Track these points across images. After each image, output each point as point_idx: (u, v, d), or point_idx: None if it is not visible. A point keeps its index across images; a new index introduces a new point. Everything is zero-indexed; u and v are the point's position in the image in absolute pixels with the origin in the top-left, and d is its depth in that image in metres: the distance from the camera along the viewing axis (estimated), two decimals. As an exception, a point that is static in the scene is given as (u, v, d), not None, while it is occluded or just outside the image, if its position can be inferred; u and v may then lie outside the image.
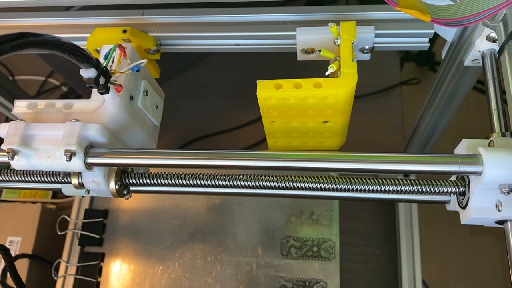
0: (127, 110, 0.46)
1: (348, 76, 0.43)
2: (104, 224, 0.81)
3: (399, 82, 1.11)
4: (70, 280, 0.78)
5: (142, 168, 0.49)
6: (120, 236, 0.80)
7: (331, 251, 0.75)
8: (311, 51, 0.50)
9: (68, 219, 0.79)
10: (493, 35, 0.45)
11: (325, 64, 0.46)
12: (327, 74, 0.44)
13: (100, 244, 0.80)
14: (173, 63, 1.09)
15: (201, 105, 1.11)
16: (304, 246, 0.76)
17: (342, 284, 0.74)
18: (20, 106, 0.46)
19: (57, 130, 0.42)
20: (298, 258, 0.76)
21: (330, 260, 0.75)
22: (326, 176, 0.43)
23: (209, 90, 1.13)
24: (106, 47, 0.47)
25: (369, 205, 0.87)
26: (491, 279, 1.11)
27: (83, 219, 0.81)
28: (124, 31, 0.51)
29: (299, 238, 0.77)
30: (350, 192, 0.42)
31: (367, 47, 0.49)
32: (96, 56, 0.47)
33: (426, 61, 1.31)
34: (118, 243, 0.80)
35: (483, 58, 0.47)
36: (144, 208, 0.82)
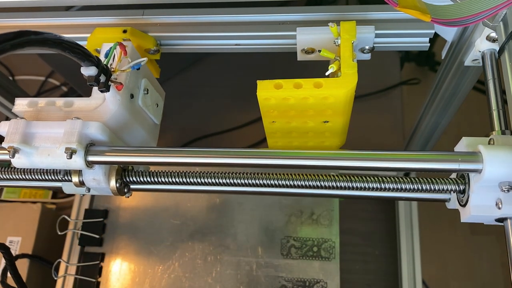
0: (127, 108, 0.46)
1: (348, 76, 0.43)
2: (104, 224, 0.81)
3: (399, 82, 1.11)
4: (70, 280, 0.78)
5: (143, 166, 0.49)
6: (120, 236, 0.80)
7: (331, 251, 0.75)
8: (311, 51, 0.50)
9: (68, 219, 0.79)
10: (493, 35, 0.45)
11: (325, 64, 0.46)
12: (327, 74, 0.44)
13: (100, 244, 0.80)
14: (173, 63, 1.09)
15: (201, 105, 1.11)
16: (304, 246, 0.76)
17: (342, 284, 0.73)
18: (21, 104, 0.46)
19: (57, 128, 0.42)
20: (298, 258, 0.76)
21: (330, 260, 0.75)
22: (327, 174, 0.43)
23: (209, 90, 1.13)
24: (106, 45, 0.47)
25: (369, 205, 0.87)
26: (491, 279, 1.11)
27: (83, 219, 0.81)
28: (124, 31, 0.51)
29: (299, 238, 0.77)
30: (350, 190, 0.42)
31: (367, 47, 0.49)
32: (97, 56, 0.47)
33: (426, 61, 1.31)
34: (118, 243, 0.80)
35: (483, 58, 0.47)
36: (144, 208, 0.82)
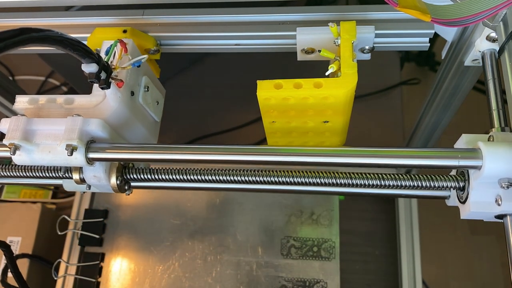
0: (128, 106, 0.46)
1: (348, 76, 0.43)
2: (104, 224, 0.81)
3: (399, 82, 1.11)
4: (70, 280, 0.78)
5: (143, 163, 0.50)
6: (120, 236, 0.80)
7: (331, 251, 0.75)
8: (311, 51, 0.50)
9: (68, 219, 0.79)
10: (493, 35, 0.45)
11: (325, 64, 0.46)
12: (327, 74, 0.44)
13: (100, 244, 0.80)
14: (173, 63, 1.09)
15: (201, 105, 1.11)
16: (304, 246, 0.76)
17: (342, 284, 0.74)
18: (22, 102, 0.46)
19: (58, 125, 0.43)
20: (298, 258, 0.76)
21: (330, 260, 0.75)
22: (327, 171, 0.43)
23: (209, 90, 1.13)
24: (107, 43, 0.47)
25: (369, 204, 0.87)
26: (491, 279, 1.11)
27: (83, 219, 0.81)
28: (124, 31, 0.51)
29: (299, 238, 0.77)
30: (351, 187, 0.43)
31: (367, 47, 0.49)
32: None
33: (426, 61, 1.31)
34: (118, 243, 0.80)
35: (483, 58, 0.47)
36: (144, 208, 0.82)
